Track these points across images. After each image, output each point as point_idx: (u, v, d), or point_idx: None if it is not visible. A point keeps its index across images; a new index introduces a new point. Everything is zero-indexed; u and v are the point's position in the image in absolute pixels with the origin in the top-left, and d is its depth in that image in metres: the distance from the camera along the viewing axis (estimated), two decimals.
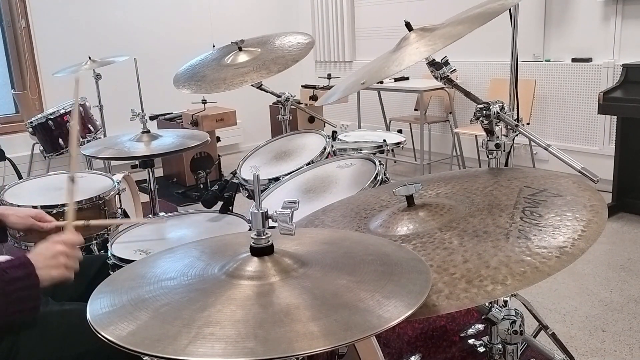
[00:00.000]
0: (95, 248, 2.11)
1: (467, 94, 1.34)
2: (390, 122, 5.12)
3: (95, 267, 1.56)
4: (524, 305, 1.92)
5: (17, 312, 1.15)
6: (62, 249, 1.23)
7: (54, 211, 1.95)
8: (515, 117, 1.37)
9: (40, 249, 1.23)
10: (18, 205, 1.94)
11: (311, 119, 4.76)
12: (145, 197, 2.63)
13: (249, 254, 0.85)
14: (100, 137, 3.77)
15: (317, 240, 0.97)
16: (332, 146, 2.09)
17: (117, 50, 4.52)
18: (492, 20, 1.19)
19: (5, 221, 1.56)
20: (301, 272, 0.83)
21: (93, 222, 1.79)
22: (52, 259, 1.21)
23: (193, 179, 4.74)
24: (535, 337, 1.98)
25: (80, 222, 1.56)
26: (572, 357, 1.95)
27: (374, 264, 0.85)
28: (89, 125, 3.78)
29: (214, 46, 2.42)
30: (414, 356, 1.32)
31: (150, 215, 2.29)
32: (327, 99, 1.40)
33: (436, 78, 1.33)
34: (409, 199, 1.10)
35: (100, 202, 2.09)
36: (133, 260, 1.20)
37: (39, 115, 3.68)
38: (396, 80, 4.88)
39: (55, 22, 4.93)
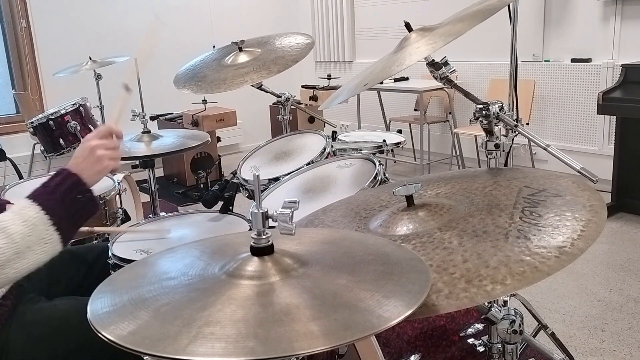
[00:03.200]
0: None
1: (467, 94, 1.34)
2: (390, 122, 5.13)
3: (93, 255, 1.56)
4: (524, 304, 1.92)
5: (78, 212, 1.15)
6: (96, 143, 1.21)
7: None
8: (515, 117, 1.37)
9: (77, 151, 1.22)
10: None
11: (311, 119, 4.77)
12: (145, 197, 2.63)
13: (249, 253, 0.86)
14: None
15: (317, 240, 0.98)
16: (332, 146, 2.09)
17: (117, 51, 4.52)
18: (491, 17, 1.19)
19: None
20: (301, 272, 0.83)
21: (97, 229, 1.79)
22: (89, 156, 1.19)
23: (193, 179, 4.74)
24: (534, 336, 1.98)
25: (85, 229, 1.55)
26: (572, 356, 1.95)
27: (373, 264, 0.85)
28: (90, 126, 3.78)
29: (214, 46, 2.43)
30: (413, 356, 1.33)
31: (151, 216, 2.29)
32: (331, 103, 1.40)
33: (436, 78, 1.33)
34: (409, 199, 1.10)
35: (101, 202, 2.10)
36: (133, 260, 1.21)
37: (40, 116, 3.68)
38: (396, 80, 4.88)
39: (56, 23, 4.93)
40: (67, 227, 1.13)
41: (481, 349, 1.35)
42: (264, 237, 0.85)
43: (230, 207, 1.77)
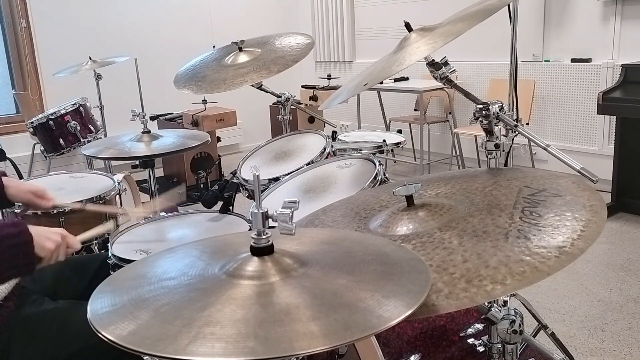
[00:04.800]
0: (96, 248, 2.11)
1: (467, 94, 1.34)
2: (390, 122, 5.13)
3: (95, 265, 1.57)
4: (524, 304, 1.92)
5: (12, 269, 1.15)
6: (62, 232, 1.24)
7: (55, 211, 1.96)
8: (515, 117, 1.37)
9: (39, 227, 1.23)
10: (19, 205, 1.94)
11: (311, 119, 4.77)
12: (145, 197, 2.64)
13: (249, 253, 0.86)
14: (100, 137, 3.77)
15: (317, 240, 0.98)
16: (332, 146, 2.09)
17: (117, 51, 4.52)
18: (491, 17, 1.19)
19: (5, 192, 1.53)
20: (301, 272, 0.83)
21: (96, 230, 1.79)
22: (50, 233, 1.22)
23: (193, 179, 4.74)
24: (534, 336, 1.98)
25: (77, 205, 1.53)
26: (572, 356, 1.95)
27: (373, 264, 0.85)
28: (90, 126, 3.78)
29: (214, 46, 2.43)
30: (413, 356, 1.33)
31: (151, 215, 2.29)
32: (331, 103, 1.40)
33: (436, 78, 1.33)
34: (409, 199, 1.10)
35: (101, 202, 2.10)
36: (133, 260, 1.21)
37: (40, 116, 3.69)
38: (396, 80, 4.88)
39: (56, 23, 4.93)
40: None
41: (481, 349, 1.35)
42: (264, 237, 0.85)
43: (230, 207, 1.77)
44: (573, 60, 4.21)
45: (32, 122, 3.68)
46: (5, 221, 1.20)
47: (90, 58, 3.93)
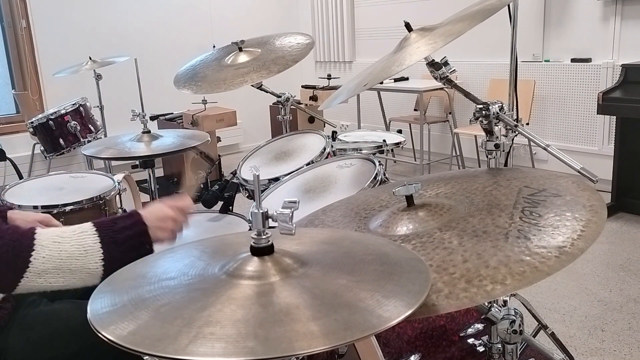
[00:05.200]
0: None
1: (467, 94, 1.34)
2: (390, 122, 5.13)
3: None
4: (524, 304, 1.92)
5: (131, 260, 1.14)
6: (172, 214, 1.23)
7: (55, 211, 1.96)
8: (515, 117, 1.37)
9: (152, 208, 1.24)
10: (19, 206, 1.95)
11: (311, 119, 4.76)
12: (145, 197, 2.64)
13: (249, 253, 0.86)
14: (100, 137, 3.77)
15: (317, 240, 0.98)
16: (332, 146, 2.09)
17: (117, 51, 4.52)
18: (491, 17, 1.19)
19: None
20: (301, 272, 0.83)
21: None
22: (161, 220, 1.21)
23: (193, 179, 4.74)
24: (534, 336, 1.98)
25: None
26: (572, 356, 1.95)
27: (373, 264, 0.85)
28: (90, 126, 3.78)
29: (214, 46, 2.43)
30: (413, 356, 1.33)
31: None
32: (331, 103, 1.40)
33: (436, 78, 1.33)
34: (409, 199, 1.10)
35: (101, 202, 2.10)
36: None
37: (40, 116, 3.69)
38: (396, 80, 4.88)
39: (56, 23, 4.93)
40: (114, 267, 1.12)
41: (481, 349, 1.35)
42: (264, 237, 0.85)
43: (230, 207, 1.77)
44: (573, 60, 4.21)
45: (32, 122, 3.68)
46: (121, 214, 1.21)
47: (90, 58, 3.93)
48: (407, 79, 5.00)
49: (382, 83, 4.52)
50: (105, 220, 1.16)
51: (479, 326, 1.43)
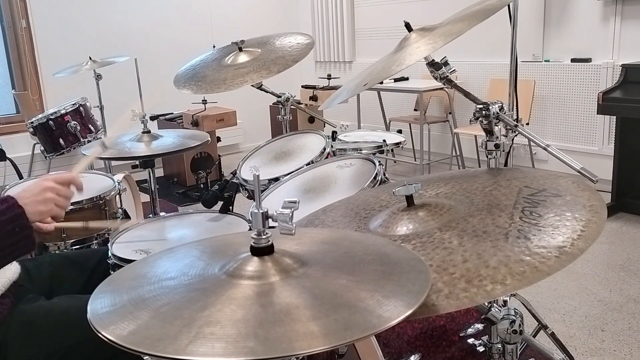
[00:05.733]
0: (96, 245, 2.11)
1: (467, 94, 1.34)
2: (390, 122, 5.13)
3: (94, 261, 1.56)
4: (524, 304, 1.92)
5: (10, 246, 1.13)
6: (50, 185, 1.20)
7: None
8: (515, 117, 1.37)
9: (26, 185, 1.21)
10: None
11: (311, 119, 4.77)
12: (145, 197, 2.63)
13: (249, 253, 0.86)
14: (100, 137, 3.77)
15: (317, 240, 0.98)
16: (332, 146, 2.09)
17: (117, 51, 4.52)
18: (491, 17, 1.19)
19: None
20: (301, 272, 0.83)
21: (92, 224, 1.79)
22: (38, 194, 1.18)
23: (193, 179, 4.74)
24: (534, 336, 1.98)
25: (80, 224, 1.55)
26: (572, 356, 1.95)
27: (373, 264, 0.85)
28: (90, 126, 3.78)
29: (214, 46, 2.43)
30: (413, 356, 1.33)
31: (151, 215, 2.30)
32: (331, 103, 1.40)
33: (436, 78, 1.33)
34: (409, 199, 1.10)
35: (101, 202, 2.10)
36: (133, 260, 1.21)
37: (40, 116, 3.69)
38: (396, 80, 4.88)
39: (56, 23, 4.93)
40: None
41: (481, 349, 1.35)
42: (264, 237, 0.85)
43: (230, 207, 1.77)
44: (573, 60, 4.21)
45: (32, 122, 3.68)
46: None
47: (90, 58, 3.93)
48: (407, 79, 5.00)
49: (382, 83, 4.52)
50: None
51: (479, 326, 1.43)
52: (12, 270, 1.32)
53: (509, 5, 1.47)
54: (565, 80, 4.28)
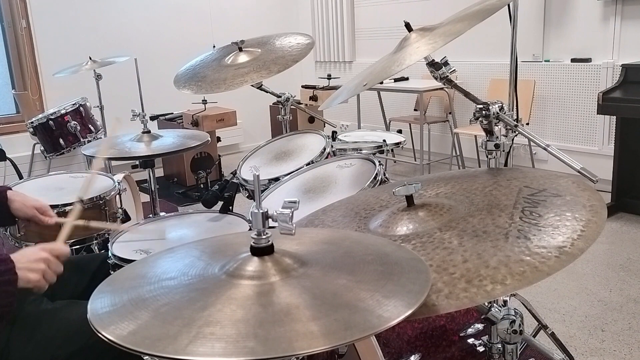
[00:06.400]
0: (96, 248, 2.11)
1: (467, 94, 1.34)
2: (390, 122, 5.13)
3: (95, 265, 1.57)
4: (524, 304, 1.92)
5: None
6: (45, 256, 1.24)
7: (55, 211, 1.95)
8: (515, 117, 1.37)
9: (25, 250, 1.24)
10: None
11: (311, 119, 4.77)
12: (145, 197, 2.63)
13: (249, 253, 0.86)
14: (100, 137, 3.77)
15: (317, 240, 0.98)
16: (332, 146, 2.09)
17: (117, 51, 4.52)
18: (491, 17, 1.19)
19: (10, 206, 1.56)
20: (301, 272, 0.83)
21: (93, 223, 1.80)
22: (34, 262, 1.21)
23: (193, 179, 4.74)
24: (534, 336, 1.98)
25: (81, 222, 1.57)
26: (572, 356, 1.95)
27: (373, 264, 0.85)
28: (90, 126, 3.78)
29: (214, 46, 2.43)
30: (413, 356, 1.33)
31: (151, 215, 2.30)
32: (331, 103, 1.40)
33: (436, 78, 1.33)
34: (409, 199, 1.10)
35: (101, 202, 2.10)
36: (133, 260, 1.21)
37: (40, 116, 3.69)
38: (396, 80, 4.88)
39: (56, 23, 4.93)
40: None
41: (481, 349, 1.35)
42: (264, 237, 0.85)
43: (230, 207, 1.77)
44: (573, 60, 4.21)
45: (32, 122, 3.68)
46: None
47: (90, 58, 3.93)
48: (407, 79, 5.00)
49: (382, 83, 4.52)
50: None
51: (479, 326, 1.43)
52: None
53: (509, 5, 1.47)
54: (565, 80, 4.28)
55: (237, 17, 5.93)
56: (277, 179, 1.85)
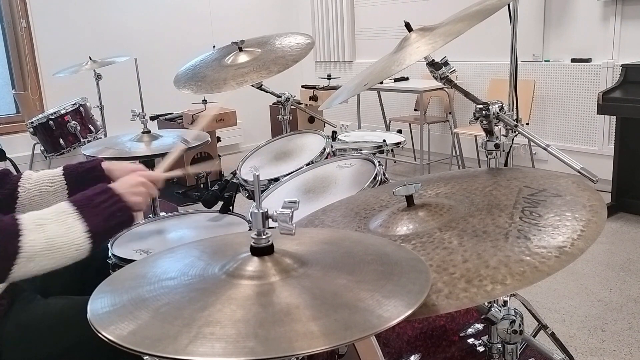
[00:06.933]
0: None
1: (467, 94, 1.34)
2: (390, 122, 5.13)
3: (87, 260, 1.56)
4: (524, 304, 1.92)
5: (118, 225, 1.26)
6: (142, 180, 1.35)
7: None
8: (515, 117, 1.37)
9: (123, 178, 1.35)
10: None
11: (311, 119, 4.77)
12: None
13: (249, 253, 0.86)
14: (100, 137, 3.78)
15: (317, 240, 0.98)
16: (332, 146, 2.09)
17: (117, 51, 4.52)
18: (491, 17, 1.19)
19: (111, 176, 1.57)
20: (301, 272, 0.83)
21: (191, 168, 1.88)
22: (132, 187, 1.31)
23: (193, 179, 4.74)
24: (534, 336, 1.98)
25: (179, 172, 1.66)
26: (572, 356, 1.95)
27: (373, 264, 0.85)
28: (90, 126, 3.79)
29: (214, 46, 2.43)
30: (413, 356, 1.33)
31: (151, 216, 2.29)
32: (331, 103, 1.40)
33: (436, 78, 1.33)
34: (409, 199, 1.10)
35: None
36: (133, 260, 1.21)
37: (40, 116, 3.69)
38: (396, 80, 4.88)
39: (56, 23, 4.93)
40: (100, 239, 1.21)
41: (481, 349, 1.35)
42: (264, 237, 0.85)
43: (230, 207, 1.77)
44: (573, 60, 4.21)
45: (32, 122, 3.69)
46: (94, 188, 1.29)
47: (90, 58, 3.93)
48: (407, 79, 5.00)
49: (382, 83, 4.52)
50: (82, 198, 1.23)
51: (479, 326, 1.43)
52: None
53: (509, 5, 1.47)
54: (565, 80, 4.28)
55: (237, 17, 5.93)
56: (277, 179, 1.85)
